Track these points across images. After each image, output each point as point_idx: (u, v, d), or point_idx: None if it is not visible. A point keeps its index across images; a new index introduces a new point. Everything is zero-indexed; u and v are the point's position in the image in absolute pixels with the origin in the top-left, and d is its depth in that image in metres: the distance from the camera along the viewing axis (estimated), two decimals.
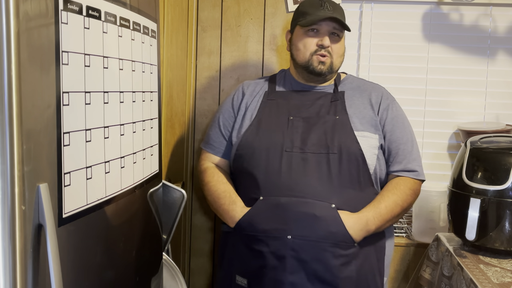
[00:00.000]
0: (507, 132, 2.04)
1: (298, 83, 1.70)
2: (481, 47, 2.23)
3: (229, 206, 1.55)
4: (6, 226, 0.71)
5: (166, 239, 1.50)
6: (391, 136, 1.60)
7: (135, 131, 1.08)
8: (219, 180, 1.63)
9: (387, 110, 1.63)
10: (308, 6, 1.62)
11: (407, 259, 2.06)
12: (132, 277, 1.11)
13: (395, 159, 1.60)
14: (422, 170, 1.63)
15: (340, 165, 1.50)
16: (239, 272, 1.53)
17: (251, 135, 1.59)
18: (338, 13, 1.60)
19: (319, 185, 1.48)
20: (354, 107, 1.61)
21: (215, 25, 2.23)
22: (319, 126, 1.55)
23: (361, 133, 1.55)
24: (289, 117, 1.59)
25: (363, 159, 1.52)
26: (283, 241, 1.44)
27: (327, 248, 1.43)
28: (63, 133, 0.81)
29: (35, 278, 0.75)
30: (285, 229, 1.44)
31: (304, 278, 1.43)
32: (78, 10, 0.84)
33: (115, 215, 1.00)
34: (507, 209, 1.54)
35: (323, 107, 1.60)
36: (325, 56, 1.59)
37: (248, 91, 1.72)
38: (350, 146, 1.52)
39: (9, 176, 0.70)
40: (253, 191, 1.53)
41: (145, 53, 1.14)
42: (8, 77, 0.69)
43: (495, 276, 1.45)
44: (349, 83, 1.70)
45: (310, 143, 1.52)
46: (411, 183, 1.59)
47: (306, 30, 1.61)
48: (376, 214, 1.49)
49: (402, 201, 1.54)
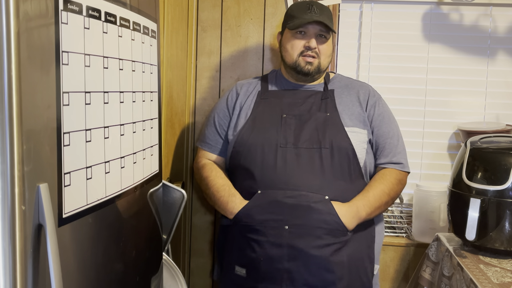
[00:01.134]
0: (507, 132, 2.04)
1: (289, 83, 1.78)
2: (481, 47, 2.23)
3: (228, 198, 1.62)
4: (6, 226, 0.71)
5: (166, 239, 1.50)
6: (378, 131, 1.70)
7: (135, 131, 1.08)
8: (217, 175, 1.71)
9: (374, 107, 1.71)
10: (296, 10, 1.70)
11: (407, 259, 2.06)
12: (132, 277, 1.11)
13: (382, 152, 1.70)
14: (407, 163, 1.73)
15: (332, 159, 1.58)
16: (238, 263, 1.59)
17: (246, 133, 1.66)
18: (325, 15, 1.67)
19: (312, 178, 1.56)
20: (343, 104, 1.69)
21: (215, 25, 2.23)
22: (311, 123, 1.63)
23: (351, 128, 1.64)
24: (282, 114, 1.67)
25: (353, 153, 1.61)
26: (280, 230, 1.52)
27: (321, 236, 1.51)
28: (63, 133, 0.81)
29: (35, 278, 0.75)
30: (282, 220, 1.52)
31: (301, 265, 1.51)
32: (78, 10, 0.84)
33: (115, 215, 1.00)
34: (507, 209, 1.54)
35: (314, 105, 1.68)
36: (312, 57, 1.67)
37: (242, 91, 1.80)
38: (341, 141, 1.60)
39: (9, 176, 0.70)
40: (250, 185, 1.60)
41: (145, 53, 1.14)
42: (8, 77, 0.69)
43: (495, 276, 1.45)
44: (338, 81, 1.78)
45: (303, 139, 1.60)
46: (396, 173, 1.68)
47: (294, 32, 1.69)
48: (366, 202, 1.58)
49: (389, 190, 1.64)
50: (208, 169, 1.73)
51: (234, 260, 1.60)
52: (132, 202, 1.08)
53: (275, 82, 1.79)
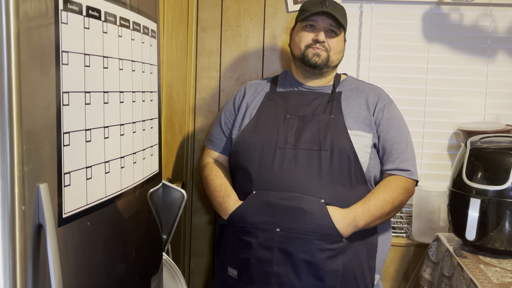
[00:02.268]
0: (507, 132, 2.04)
1: (298, 82, 1.75)
2: (481, 47, 2.23)
3: (223, 198, 1.61)
4: (6, 226, 0.71)
5: (166, 239, 1.50)
6: (386, 135, 1.63)
7: (135, 131, 1.08)
8: (216, 174, 1.70)
9: (383, 111, 1.66)
10: (309, 4, 1.70)
11: (407, 259, 2.06)
12: (132, 277, 1.11)
13: (388, 158, 1.63)
14: (415, 170, 1.65)
15: (331, 162, 1.53)
16: (231, 264, 1.57)
17: (248, 132, 1.65)
18: (337, 11, 1.66)
19: (308, 180, 1.52)
20: (349, 107, 1.65)
21: (215, 25, 2.23)
22: (313, 124, 1.60)
23: (355, 131, 1.59)
24: (285, 115, 1.64)
25: (355, 157, 1.55)
26: (271, 233, 1.48)
27: (313, 241, 1.46)
28: (63, 133, 0.81)
29: (35, 278, 0.75)
30: (274, 222, 1.49)
31: (290, 270, 1.47)
32: (78, 10, 0.84)
33: (115, 215, 1.00)
34: (507, 209, 1.54)
35: (319, 107, 1.65)
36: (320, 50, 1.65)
37: (250, 91, 1.79)
38: (342, 144, 1.55)
39: (9, 176, 0.70)
40: (247, 185, 1.59)
41: (145, 53, 1.14)
42: (8, 77, 0.69)
43: (495, 276, 1.45)
44: (348, 84, 1.74)
45: (303, 140, 1.57)
46: (403, 181, 1.60)
47: (303, 25, 1.68)
48: (365, 211, 1.51)
49: (393, 199, 1.56)
50: (209, 168, 1.74)
51: (227, 261, 1.59)
52: (132, 202, 1.08)
53: (284, 83, 1.77)
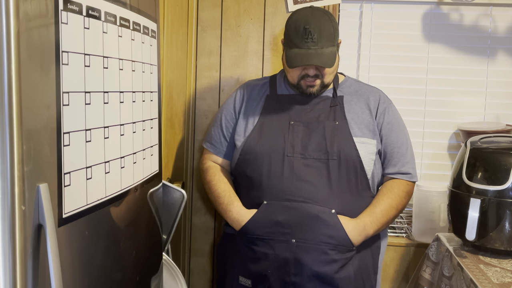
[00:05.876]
0: (507, 132, 2.04)
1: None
2: (481, 47, 2.23)
3: (227, 206, 1.61)
4: (6, 226, 0.71)
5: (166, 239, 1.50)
6: (387, 139, 1.66)
7: (135, 131, 1.08)
8: (220, 179, 1.69)
9: (384, 114, 1.67)
10: (294, 33, 1.54)
11: (407, 259, 2.06)
12: (132, 277, 1.11)
13: (389, 162, 1.66)
14: (415, 172, 1.69)
15: (339, 171, 1.55)
16: (243, 273, 1.59)
17: (253, 140, 1.63)
18: (324, 40, 1.52)
19: (319, 190, 1.54)
20: (352, 112, 1.64)
21: (215, 25, 2.23)
22: (319, 132, 1.59)
23: (360, 139, 1.60)
24: (289, 121, 1.63)
25: (361, 165, 1.58)
26: (287, 244, 1.51)
27: (327, 251, 1.50)
28: (63, 133, 0.81)
29: (35, 278, 0.75)
30: (290, 233, 1.51)
31: (306, 279, 1.50)
32: (78, 10, 0.84)
33: (115, 215, 1.00)
34: (507, 209, 1.54)
35: (322, 112, 1.63)
36: (314, 80, 1.59)
37: (250, 93, 1.75)
38: (349, 153, 1.57)
39: (9, 176, 0.70)
40: (255, 195, 1.59)
41: (145, 53, 1.14)
42: (8, 77, 0.69)
43: (495, 276, 1.45)
44: (347, 87, 1.72)
45: (310, 149, 1.57)
46: (404, 185, 1.65)
47: None
48: (373, 219, 1.56)
49: (397, 204, 1.61)
50: (211, 172, 1.72)
51: (238, 270, 1.60)
52: (132, 202, 1.08)
53: (284, 85, 1.72)
